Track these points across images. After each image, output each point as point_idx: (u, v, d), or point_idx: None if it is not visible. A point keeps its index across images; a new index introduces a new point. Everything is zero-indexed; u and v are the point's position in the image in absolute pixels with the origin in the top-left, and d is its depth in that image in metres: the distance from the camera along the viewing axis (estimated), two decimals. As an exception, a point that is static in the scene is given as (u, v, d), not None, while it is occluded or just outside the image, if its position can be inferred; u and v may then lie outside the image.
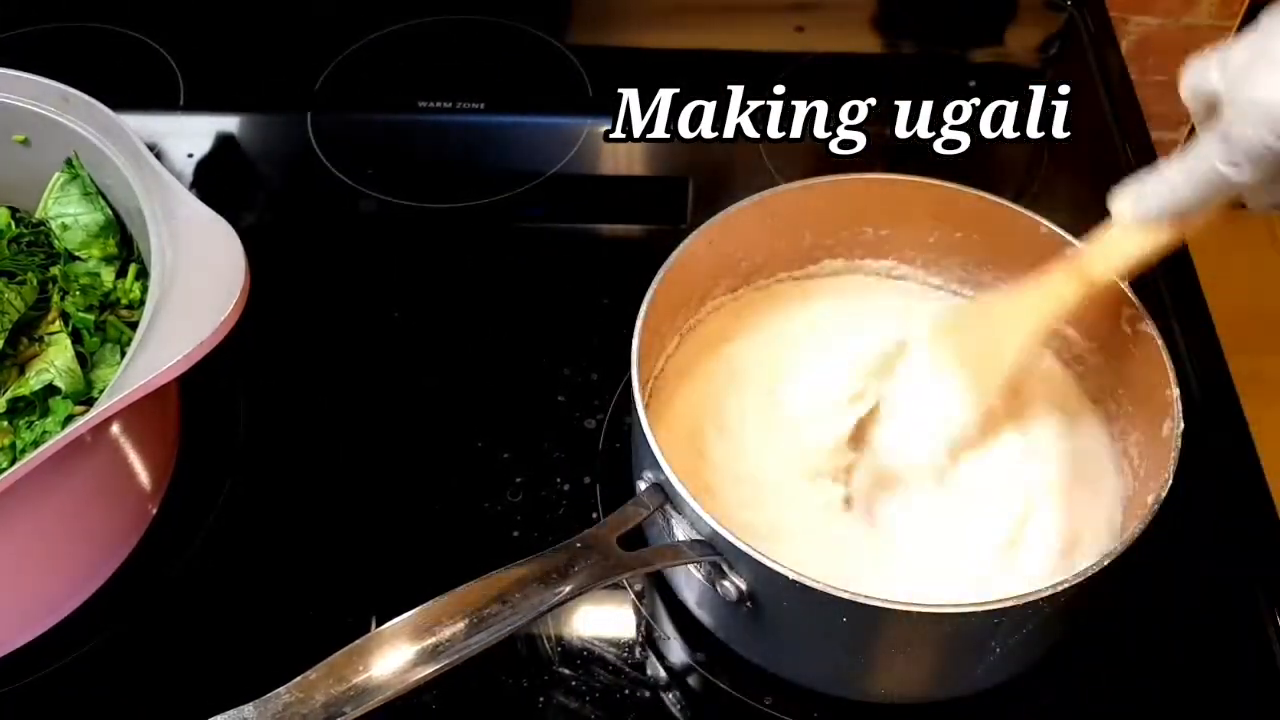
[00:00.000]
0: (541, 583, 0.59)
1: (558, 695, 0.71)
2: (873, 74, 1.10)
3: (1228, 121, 0.56)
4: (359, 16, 1.12)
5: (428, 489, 0.80)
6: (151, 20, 1.12)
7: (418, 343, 0.89)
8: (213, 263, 0.69)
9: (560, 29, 1.12)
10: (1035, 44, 1.14)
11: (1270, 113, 0.53)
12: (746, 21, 1.13)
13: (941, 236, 0.80)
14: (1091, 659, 0.72)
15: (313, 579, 0.76)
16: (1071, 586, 0.58)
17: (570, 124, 1.04)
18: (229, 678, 0.70)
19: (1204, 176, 0.58)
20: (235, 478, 0.80)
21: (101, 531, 0.74)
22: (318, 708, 0.55)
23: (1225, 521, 0.78)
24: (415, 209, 0.98)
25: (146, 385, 0.63)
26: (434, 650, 0.56)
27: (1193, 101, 0.59)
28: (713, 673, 0.72)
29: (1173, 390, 0.66)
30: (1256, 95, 0.54)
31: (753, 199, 0.76)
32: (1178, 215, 0.61)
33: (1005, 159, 1.00)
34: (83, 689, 0.71)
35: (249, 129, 1.06)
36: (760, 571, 0.60)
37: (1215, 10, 1.24)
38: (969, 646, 0.64)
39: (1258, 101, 0.54)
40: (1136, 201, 0.63)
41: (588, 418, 0.83)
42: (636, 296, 0.70)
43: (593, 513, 0.78)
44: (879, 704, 0.70)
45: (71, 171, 0.78)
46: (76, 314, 0.74)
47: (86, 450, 0.69)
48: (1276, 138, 0.53)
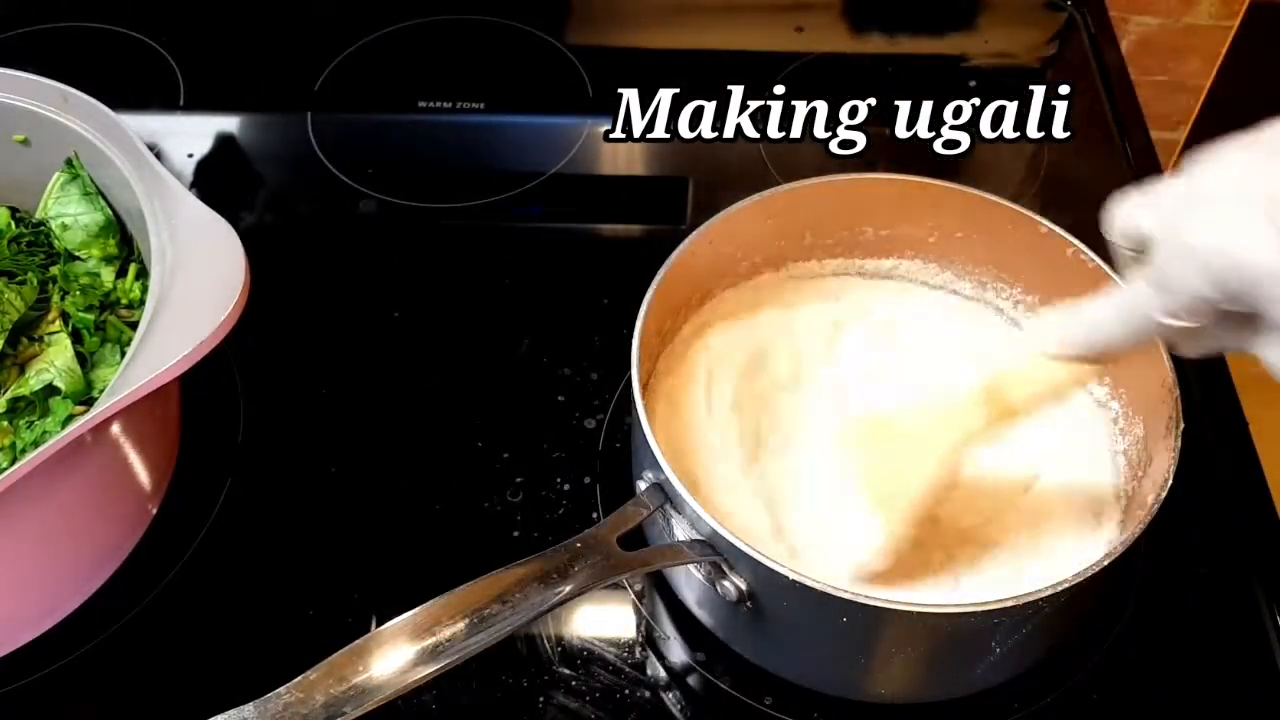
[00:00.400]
0: (541, 583, 0.59)
1: (558, 695, 0.71)
2: (873, 74, 1.10)
3: (1162, 268, 0.52)
4: (359, 16, 1.12)
5: (428, 489, 0.80)
6: (151, 20, 1.12)
7: (418, 343, 0.89)
8: (213, 263, 0.69)
9: (560, 29, 1.12)
10: (1035, 44, 1.14)
11: (1208, 261, 0.49)
12: (746, 21, 1.13)
13: (941, 236, 0.80)
14: (1091, 659, 0.72)
15: (313, 579, 0.76)
16: (1071, 586, 0.58)
17: (570, 124, 1.04)
18: (229, 678, 0.71)
19: (1135, 321, 0.55)
20: (235, 478, 0.80)
21: (101, 531, 0.73)
22: (318, 708, 0.55)
23: (1225, 521, 0.78)
24: (415, 209, 0.98)
25: (146, 385, 0.63)
26: (434, 650, 0.56)
27: (1122, 241, 0.55)
28: (713, 673, 0.72)
29: (1173, 390, 0.66)
30: (1193, 241, 0.50)
31: (753, 199, 0.76)
32: (1102, 352, 0.60)
33: (1005, 159, 1.00)
34: (83, 689, 0.71)
35: (249, 129, 1.06)
36: (760, 571, 0.60)
37: (1215, 10, 1.24)
38: (969, 646, 0.64)
39: (1194, 248, 0.50)
40: (1061, 335, 0.61)
41: (588, 418, 0.83)
42: (636, 296, 0.70)
43: (593, 513, 0.78)
44: (879, 704, 0.70)
45: (71, 171, 0.78)
46: (76, 314, 0.74)
47: (86, 450, 0.69)
48: (1213, 287, 0.49)
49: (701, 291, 0.79)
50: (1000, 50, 1.12)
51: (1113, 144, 1.02)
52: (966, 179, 0.77)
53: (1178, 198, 0.52)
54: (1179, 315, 0.52)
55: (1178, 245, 0.51)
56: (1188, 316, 0.52)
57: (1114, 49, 1.10)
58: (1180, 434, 0.64)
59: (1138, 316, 0.55)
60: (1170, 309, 0.52)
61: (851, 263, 0.83)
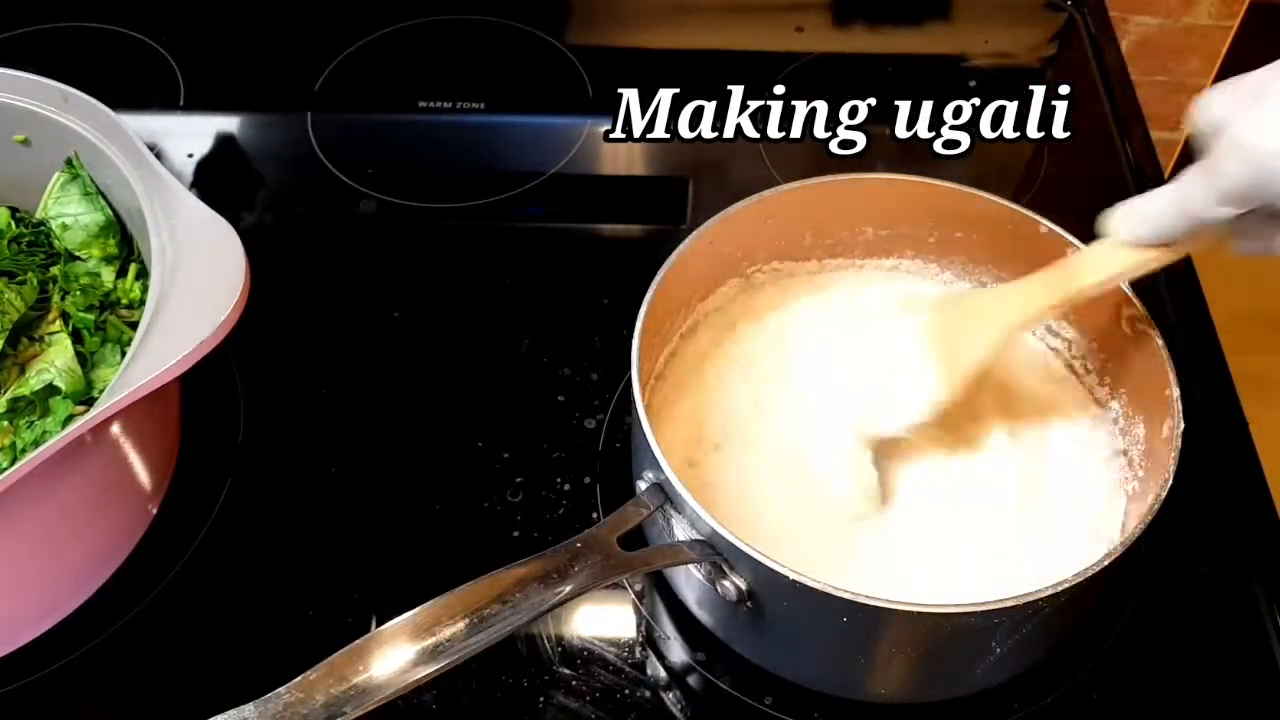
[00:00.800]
0: (541, 583, 0.59)
1: (558, 695, 0.71)
2: (873, 74, 1.10)
3: (1215, 155, 0.55)
4: (359, 16, 1.12)
5: (428, 489, 0.80)
6: (151, 20, 1.12)
7: (418, 343, 0.89)
8: (213, 263, 0.69)
9: (560, 29, 1.12)
10: (1035, 44, 1.14)
11: (1253, 156, 0.52)
12: (746, 21, 1.13)
13: (941, 236, 0.80)
14: (1091, 659, 0.72)
15: (313, 579, 0.76)
16: (1071, 586, 0.58)
17: (570, 124, 1.04)
18: (229, 678, 0.71)
19: (1188, 207, 0.57)
20: (235, 478, 0.80)
21: (101, 531, 0.73)
22: (318, 708, 0.55)
23: (1225, 521, 0.78)
24: (415, 209, 0.98)
25: (147, 385, 0.63)
26: (434, 650, 0.56)
27: (1202, 126, 0.57)
28: (713, 673, 0.72)
29: (1173, 390, 0.66)
30: (1245, 135, 0.53)
31: (753, 199, 0.76)
32: (1166, 240, 0.61)
33: (1005, 159, 1.00)
34: (83, 689, 0.71)
35: (249, 129, 1.06)
36: (760, 571, 0.60)
37: (1215, 10, 1.24)
38: (969, 646, 0.64)
39: (1244, 142, 0.53)
40: (1126, 221, 0.62)
41: (588, 418, 0.83)
42: (636, 296, 0.70)
43: (593, 513, 0.78)
44: (879, 704, 0.70)
45: (71, 171, 0.78)
46: (77, 314, 0.74)
47: (86, 450, 0.69)
48: (1255, 181, 0.52)
49: (701, 291, 0.79)
50: (1000, 50, 1.12)
51: (1113, 144, 1.02)
52: (966, 179, 0.77)
53: (1252, 89, 0.53)
54: (1225, 204, 0.54)
55: (1234, 137, 0.53)
56: (1232, 206, 0.54)
57: (1114, 49, 1.10)
58: (1180, 434, 0.64)
59: (1190, 201, 0.56)
60: (1218, 195, 0.54)
61: (851, 263, 0.83)
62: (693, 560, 0.64)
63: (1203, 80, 1.30)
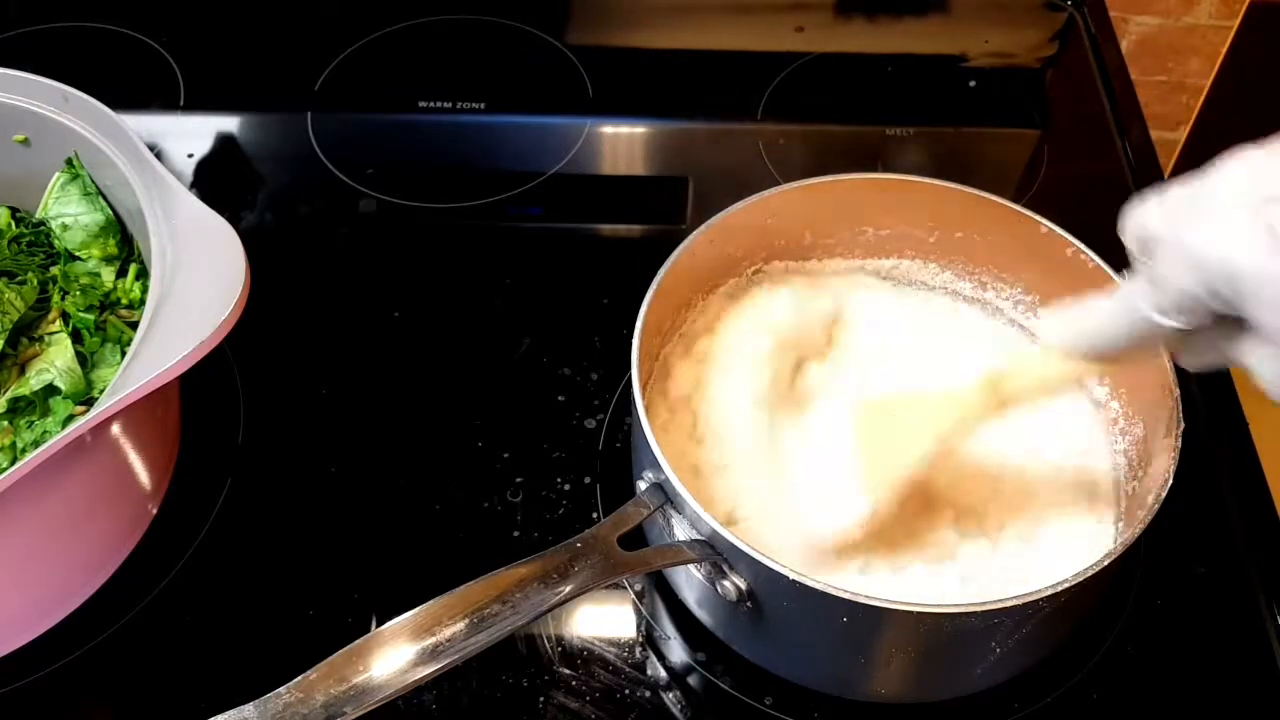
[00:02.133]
0: (542, 583, 0.59)
1: (558, 695, 0.71)
2: (873, 74, 1.10)
3: (1157, 264, 0.52)
4: (359, 16, 1.12)
5: (428, 489, 0.80)
6: (151, 20, 1.12)
7: (418, 343, 0.89)
8: (213, 263, 0.69)
9: (560, 29, 1.12)
10: (1035, 44, 1.14)
11: (1197, 261, 0.49)
12: (746, 21, 1.13)
13: (941, 236, 0.80)
14: (1091, 659, 0.72)
15: (313, 579, 0.76)
16: (1071, 586, 0.58)
17: (570, 124, 1.04)
18: (229, 678, 0.71)
19: (1130, 317, 0.55)
20: (235, 478, 0.80)
21: (101, 531, 0.73)
22: (318, 708, 0.55)
23: (1225, 521, 0.78)
24: (415, 209, 0.98)
25: (147, 385, 0.63)
26: (434, 650, 0.56)
27: (1133, 243, 0.55)
28: (713, 673, 0.72)
29: (1173, 390, 0.66)
30: (1186, 240, 0.50)
31: (753, 199, 0.76)
32: (1104, 350, 0.59)
33: (1005, 159, 1.01)
34: (83, 689, 0.71)
35: (249, 129, 1.06)
36: (760, 571, 0.61)
37: (1215, 10, 1.24)
38: (969, 646, 0.64)
39: (1185, 244, 0.50)
40: (1064, 329, 0.61)
41: (588, 418, 0.83)
42: (636, 296, 0.70)
43: (593, 513, 0.78)
44: (879, 704, 0.70)
45: (71, 171, 0.79)
46: (77, 314, 0.74)
47: (86, 450, 0.69)
48: (1201, 287, 0.50)
49: (702, 291, 0.79)
50: (1000, 50, 1.12)
51: (1113, 144, 1.02)
52: (967, 179, 0.77)
53: (1184, 198, 0.52)
54: (1170, 313, 0.52)
55: (1173, 241, 0.51)
56: (1179, 315, 0.52)
57: (1114, 49, 1.10)
58: (1180, 434, 0.64)
59: (1134, 314, 0.54)
60: (1162, 305, 0.52)
61: (851, 263, 0.83)
62: (693, 560, 0.64)
63: (1202, 80, 1.30)
